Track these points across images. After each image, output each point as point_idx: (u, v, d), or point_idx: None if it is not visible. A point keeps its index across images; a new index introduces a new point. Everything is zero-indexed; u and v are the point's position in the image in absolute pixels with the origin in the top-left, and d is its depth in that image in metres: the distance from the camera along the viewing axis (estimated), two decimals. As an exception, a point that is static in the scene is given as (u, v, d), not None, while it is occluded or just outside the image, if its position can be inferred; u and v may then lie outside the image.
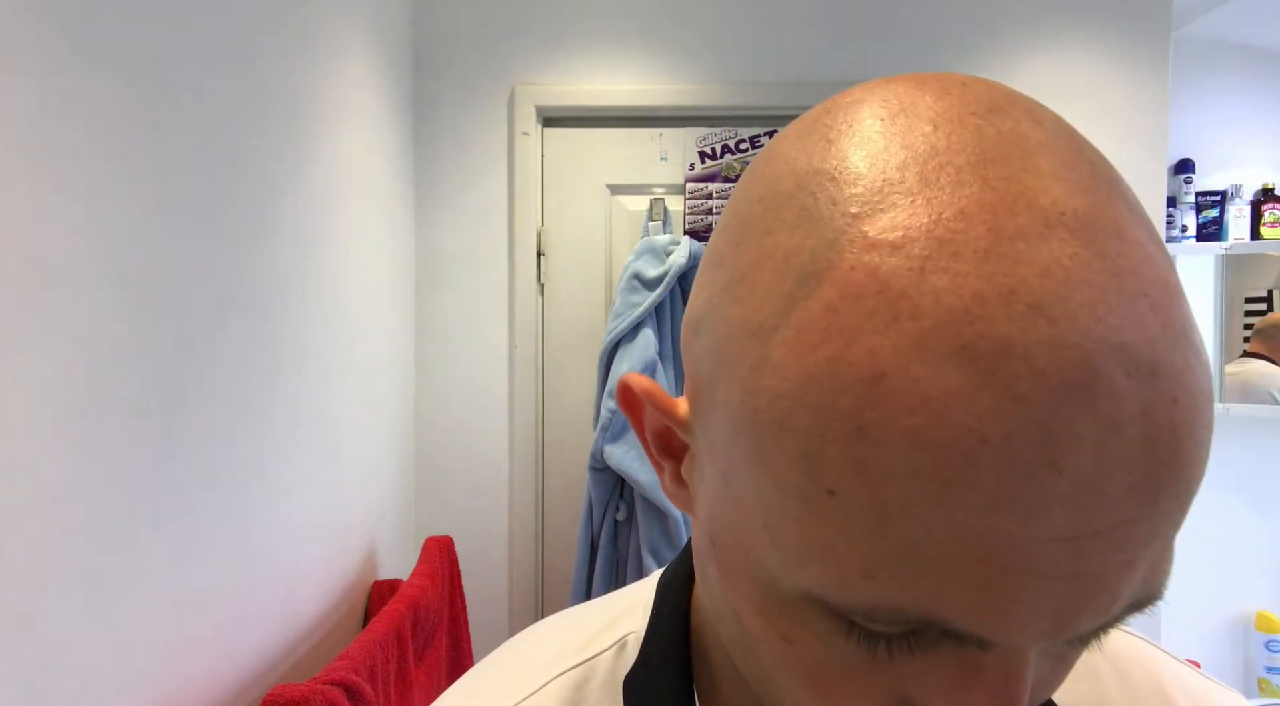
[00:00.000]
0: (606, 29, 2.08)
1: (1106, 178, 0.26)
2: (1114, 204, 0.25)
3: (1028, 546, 0.22)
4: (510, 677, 0.42)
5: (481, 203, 2.10)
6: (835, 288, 0.24)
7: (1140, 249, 0.24)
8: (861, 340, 0.23)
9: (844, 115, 0.27)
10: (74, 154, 0.78)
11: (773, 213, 0.27)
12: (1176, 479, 0.23)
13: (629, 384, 0.34)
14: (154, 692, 0.89)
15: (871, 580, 0.24)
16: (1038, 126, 0.26)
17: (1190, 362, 0.23)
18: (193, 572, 0.98)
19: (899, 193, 0.24)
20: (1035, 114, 0.26)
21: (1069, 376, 0.22)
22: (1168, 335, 0.23)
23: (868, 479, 0.23)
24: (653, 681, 0.38)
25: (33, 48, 0.72)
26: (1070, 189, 0.24)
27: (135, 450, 0.87)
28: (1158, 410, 0.22)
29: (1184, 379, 0.23)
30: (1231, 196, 2.29)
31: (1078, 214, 0.23)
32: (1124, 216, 0.24)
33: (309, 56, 1.37)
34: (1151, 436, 0.22)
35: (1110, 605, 0.24)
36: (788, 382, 0.24)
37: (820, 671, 0.28)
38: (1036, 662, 0.27)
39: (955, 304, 0.22)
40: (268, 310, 1.20)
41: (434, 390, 2.10)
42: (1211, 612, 2.32)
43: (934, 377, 0.22)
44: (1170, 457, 0.23)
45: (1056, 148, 0.25)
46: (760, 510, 0.26)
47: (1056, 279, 0.22)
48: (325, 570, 1.43)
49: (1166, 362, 0.23)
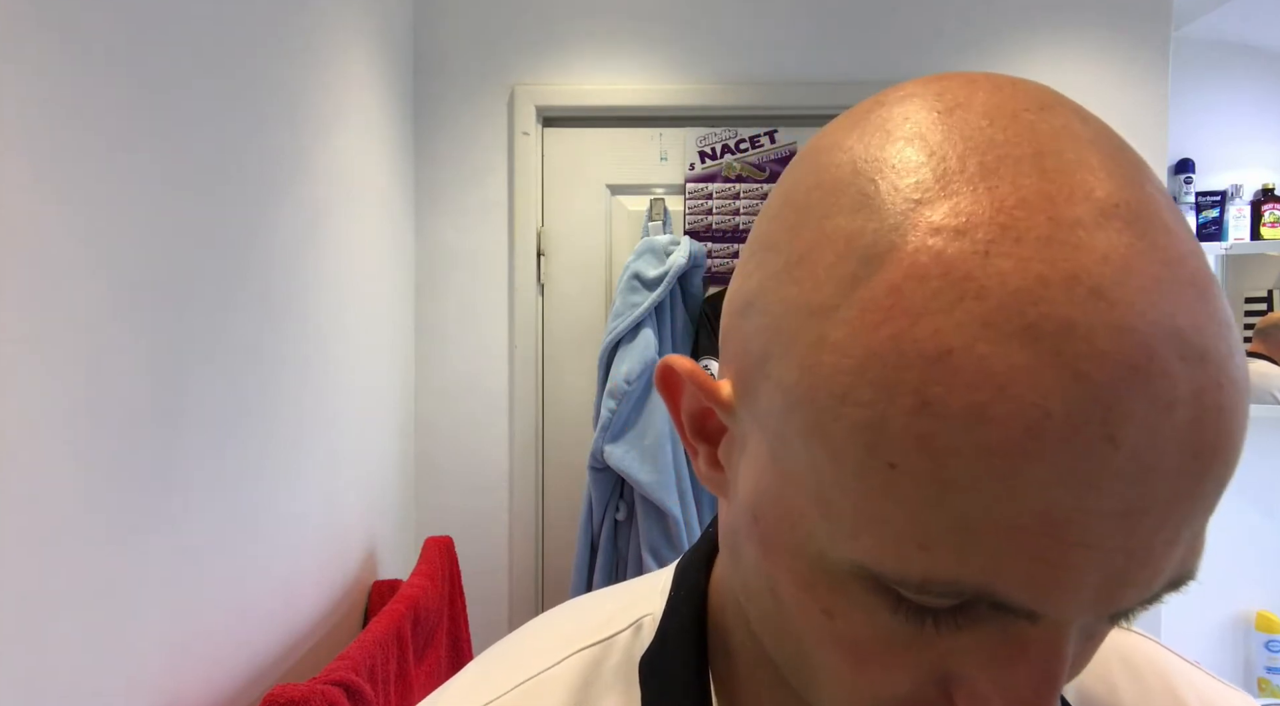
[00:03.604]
0: (606, 29, 2.08)
1: (1148, 175, 0.27)
2: (1158, 199, 0.26)
3: (1084, 519, 0.23)
4: (526, 655, 0.42)
5: (481, 203, 2.10)
6: (900, 269, 0.25)
7: (1185, 242, 0.25)
8: (926, 319, 0.24)
9: (899, 109, 0.28)
10: (75, 154, 0.78)
11: (831, 198, 0.28)
12: (1220, 460, 0.24)
13: (671, 365, 0.34)
14: (154, 692, 0.89)
15: (926, 552, 0.25)
16: (1085, 125, 0.27)
17: (1233, 351, 0.25)
18: (193, 573, 0.98)
19: (960, 181, 0.25)
20: (1082, 113, 0.28)
21: (1128, 357, 0.23)
22: (1214, 324, 0.24)
23: (930, 452, 0.24)
24: (668, 660, 0.39)
25: (33, 48, 0.72)
26: (1120, 183, 0.25)
27: (135, 450, 0.87)
28: (1207, 394, 0.24)
29: (1228, 366, 0.24)
30: (1231, 196, 2.29)
31: (1130, 206, 0.25)
32: (1167, 211, 0.26)
33: (309, 57, 1.37)
34: (1200, 418, 0.23)
35: (1153, 580, 0.25)
36: (850, 359, 0.25)
37: (860, 646, 0.28)
38: (1076, 642, 0.27)
39: (1020, 285, 0.23)
40: (267, 310, 1.20)
41: (434, 390, 2.10)
42: (1211, 612, 2.32)
43: (999, 355, 0.23)
44: (1215, 439, 0.24)
45: (1103, 145, 0.26)
46: (814, 484, 0.27)
47: (1115, 265, 0.23)
48: (325, 570, 1.43)
49: (1214, 349, 0.24)
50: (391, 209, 1.89)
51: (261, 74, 1.19)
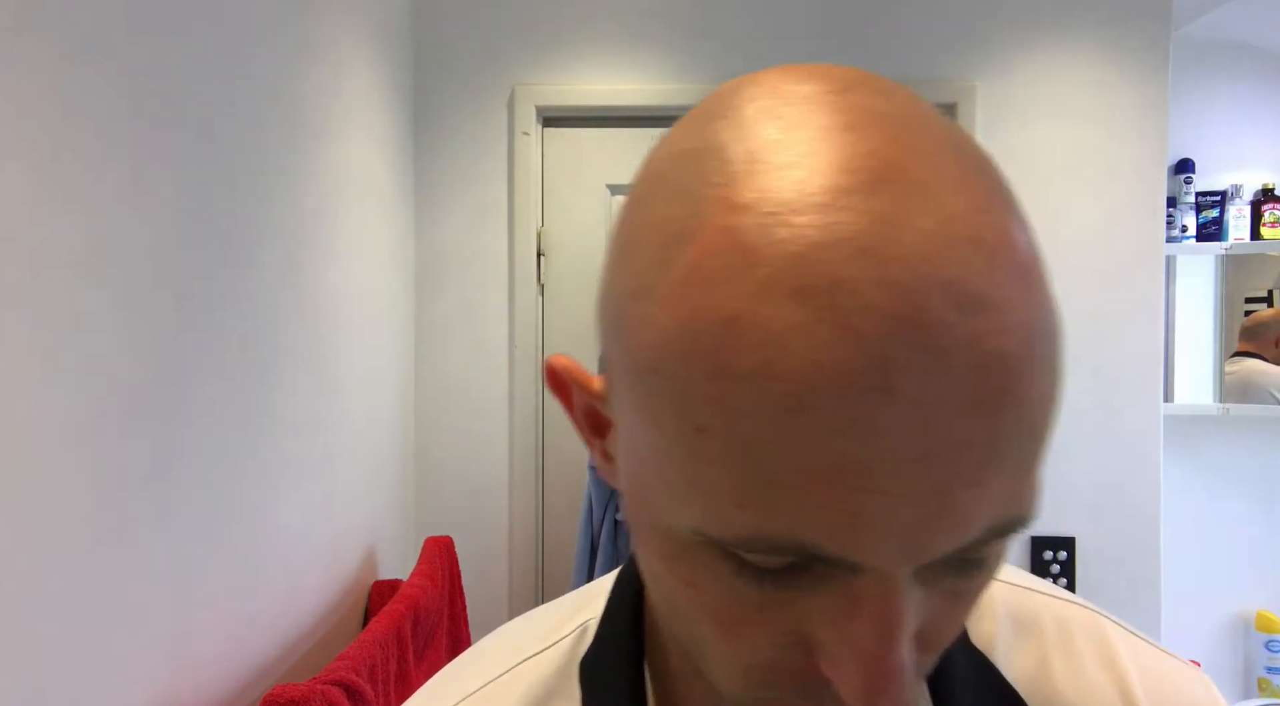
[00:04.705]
0: (606, 29, 2.08)
1: (955, 142, 0.28)
2: (956, 163, 0.27)
3: (871, 466, 0.24)
4: (475, 668, 0.43)
5: (481, 203, 2.10)
6: (699, 247, 0.27)
7: (975, 200, 0.26)
8: (718, 289, 0.26)
9: (716, 102, 0.31)
10: (74, 154, 0.78)
11: (651, 190, 0.30)
12: (1014, 403, 0.25)
13: (551, 365, 0.36)
14: (154, 692, 0.89)
15: (742, 510, 0.26)
16: (888, 100, 0.28)
17: (1027, 300, 0.26)
18: (193, 573, 0.98)
19: (758, 162, 0.27)
20: (887, 91, 0.29)
21: (896, 309, 0.24)
22: (1000, 274, 0.25)
23: (727, 413, 0.25)
24: (605, 660, 0.40)
25: (35, 51, 0.72)
26: (904, 149, 0.26)
27: (135, 450, 0.87)
28: (987, 339, 0.24)
29: (1017, 313, 0.25)
30: (1231, 196, 2.29)
31: (909, 171, 0.26)
32: (962, 173, 0.27)
33: (310, 57, 1.37)
34: (982, 364, 0.24)
35: (963, 526, 0.26)
36: (661, 334, 0.27)
37: (723, 614, 0.29)
38: (924, 596, 0.28)
39: (796, 250, 0.25)
40: (267, 310, 1.20)
41: (434, 390, 2.10)
42: (1211, 612, 2.32)
43: (778, 316, 0.24)
44: (1004, 383, 0.25)
45: (902, 116, 0.28)
46: (652, 458, 0.29)
47: (887, 225, 0.25)
48: (325, 570, 1.43)
49: (998, 298, 0.25)
50: (391, 209, 1.89)
51: (262, 75, 1.19)
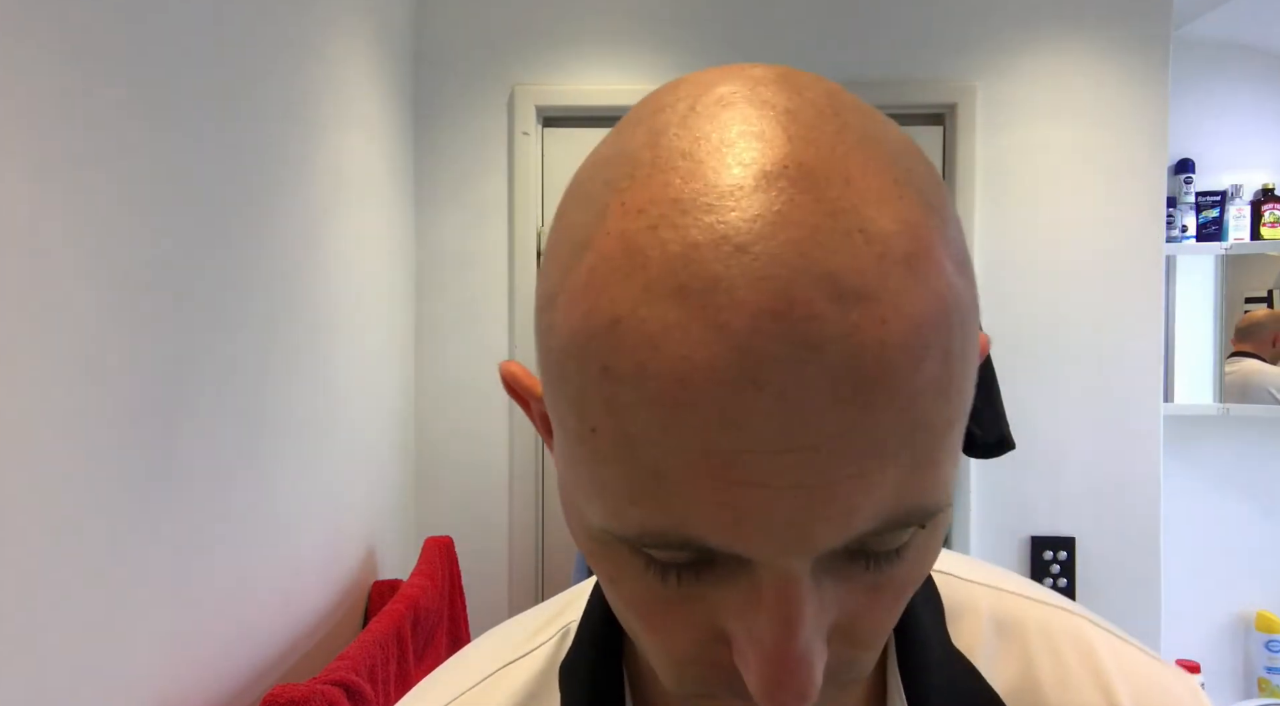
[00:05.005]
0: (606, 29, 2.08)
1: (869, 135, 0.27)
2: (856, 155, 0.26)
3: (746, 459, 0.25)
4: (458, 674, 0.44)
5: (481, 203, 2.10)
6: (595, 252, 0.27)
7: (869, 192, 0.26)
8: (606, 292, 0.26)
9: (637, 108, 0.31)
10: (74, 154, 0.78)
11: (569, 200, 0.30)
12: (893, 394, 0.25)
13: (502, 372, 0.37)
14: (154, 692, 0.89)
15: (636, 507, 0.26)
16: (795, 96, 0.28)
17: (913, 288, 0.25)
18: (193, 573, 0.98)
19: (655, 167, 0.27)
20: (799, 85, 0.28)
21: (766, 304, 0.24)
22: (884, 264, 0.25)
23: (614, 412, 0.26)
24: (584, 662, 0.40)
25: (33, 49, 0.72)
26: (802, 145, 0.26)
27: (134, 450, 0.87)
28: (863, 331, 0.24)
29: (902, 303, 0.25)
30: (1231, 196, 2.29)
31: (803, 165, 0.26)
32: (862, 165, 0.26)
33: (310, 57, 1.37)
34: (857, 354, 0.24)
35: (849, 517, 0.26)
36: (561, 339, 0.28)
37: (644, 609, 0.30)
38: (837, 589, 0.28)
39: (676, 251, 0.25)
40: (267, 310, 1.20)
41: (434, 390, 2.10)
42: (1211, 612, 2.32)
43: (656, 316, 0.25)
44: (880, 374, 0.24)
45: (802, 111, 0.27)
46: (567, 459, 0.29)
47: (765, 222, 0.25)
48: (325, 570, 1.43)
49: (879, 288, 0.25)
50: (391, 209, 1.89)
51: (262, 74, 1.19)
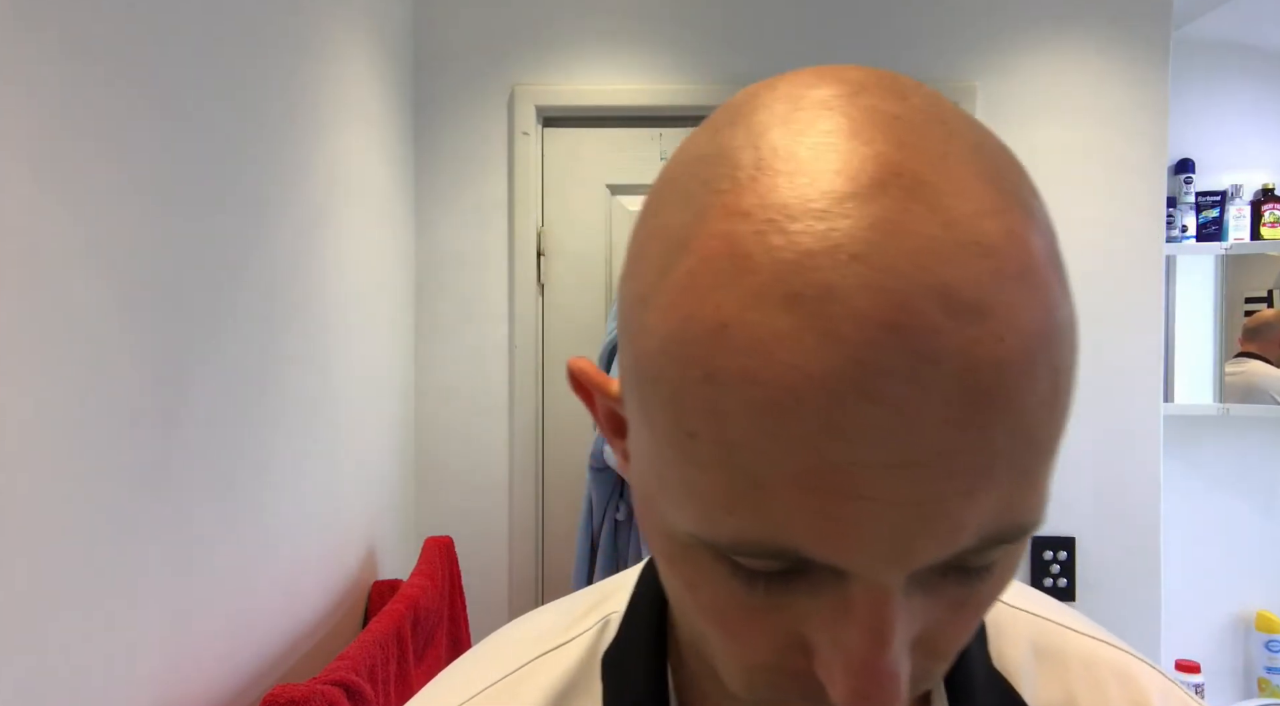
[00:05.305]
0: (606, 29, 2.08)
1: (973, 144, 0.27)
2: (969, 165, 0.26)
3: (855, 472, 0.24)
4: (494, 660, 0.43)
5: (481, 203, 2.10)
6: (696, 254, 0.26)
7: (983, 203, 0.25)
8: (711, 296, 0.26)
9: (732, 108, 0.30)
10: (74, 154, 0.78)
11: (662, 198, 0.30)
12: (1006, 412, 0.24)
13: (571, 368, 0.36)
14: (154, 692, 0.89)
15: (732, 515, 0.26)
16: (902, 102, 0.28)
17: (1030, 304, 0.25)
18: (193, 573, 0.98)
19: (759, 170, 0.26)
20: (904, 92, 0.28)
21: (884, 316, 0.24)
22: (999, 279, 0.24)
23: (716, 418, 0.25)
24: (628, 655, 0.40)
25: (32, 49, 0.72)
26: (913, 152, 0.26)
27: (135, 451, 0.87)
28: (980, 347, 0.24)
29: (1018, 319, 0.24)
30: (1231, 196, 2.29)
31: (916, 174, 0.25)
32: (974, 176, 0.26)
33: (309, 57, 1.37)
34: (973, 370, 0.24)
35: (954, 534, 0.25)
36: (658, 341, 0.27)
37: (722, 616, 0.29)
38: (925, 602, 0.28)
39: (788, 258, 0.25)
40: (267, 311, 1.20)
41: (434, 390, 2.10)
42: (1211, 612, 2.32)
43: (766, 323, 0.24)
44: (996, 391, 0.24)
45: (915, 119, 0.27)
46: (653, 462, 0.29)
47: (881, 231, 0.24)
48: (325, 570, 1.43)
49: (995, 303, 0.24)
50: (391, 209, 1.89)
51: (261, 74, 1.19)
